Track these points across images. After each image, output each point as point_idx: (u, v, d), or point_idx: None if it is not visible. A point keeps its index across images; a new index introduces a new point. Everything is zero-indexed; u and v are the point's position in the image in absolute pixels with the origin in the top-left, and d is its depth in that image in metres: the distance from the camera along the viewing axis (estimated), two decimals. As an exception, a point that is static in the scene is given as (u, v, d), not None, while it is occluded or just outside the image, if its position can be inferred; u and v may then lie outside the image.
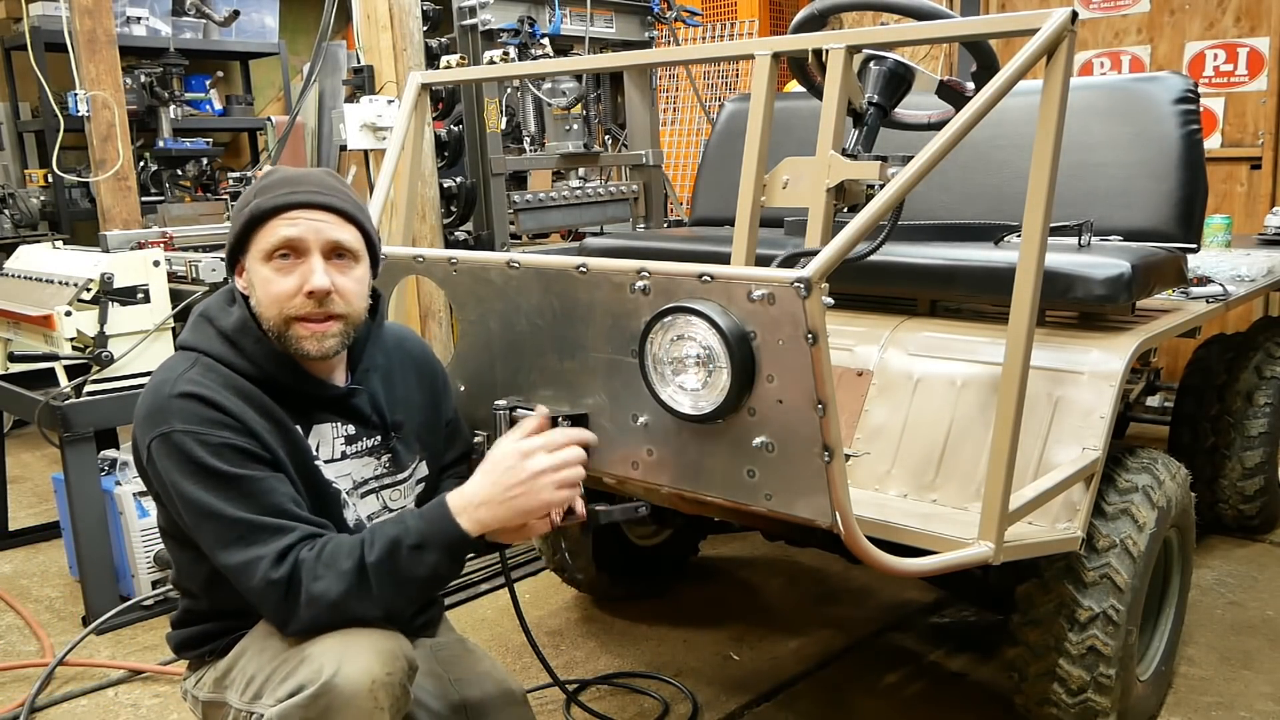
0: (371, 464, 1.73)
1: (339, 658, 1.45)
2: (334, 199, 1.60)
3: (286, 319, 1.57)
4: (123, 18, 5.53)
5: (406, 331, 1.93)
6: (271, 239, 1.56)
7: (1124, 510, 2.06)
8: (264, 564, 1.48)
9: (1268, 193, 4.36)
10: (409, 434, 1.79)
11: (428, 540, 1.51)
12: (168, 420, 1.51)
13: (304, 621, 1.49)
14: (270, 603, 1.49)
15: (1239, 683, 2.55)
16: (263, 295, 1.58)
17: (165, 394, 1.53)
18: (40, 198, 5.57)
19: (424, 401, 1.84)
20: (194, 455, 1.50)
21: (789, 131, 2.54)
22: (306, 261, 1.57)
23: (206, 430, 1.51)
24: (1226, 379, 3.22)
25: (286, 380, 1.61)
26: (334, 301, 1.58)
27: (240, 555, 1.49)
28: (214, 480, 1.50)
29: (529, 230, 3.80)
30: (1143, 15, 4.60)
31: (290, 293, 1.56)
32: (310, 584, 1.47)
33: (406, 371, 1.83)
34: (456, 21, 3.49)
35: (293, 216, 1.56)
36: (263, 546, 1.48)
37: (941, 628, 2.90)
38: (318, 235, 1.57)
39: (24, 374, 3.37)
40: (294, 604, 1.48)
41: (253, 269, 1.59)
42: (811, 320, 1.45)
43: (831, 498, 1.54)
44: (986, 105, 1.56)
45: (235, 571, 1.50)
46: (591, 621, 3.01)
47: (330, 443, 1.67)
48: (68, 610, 3.19)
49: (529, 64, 3.33)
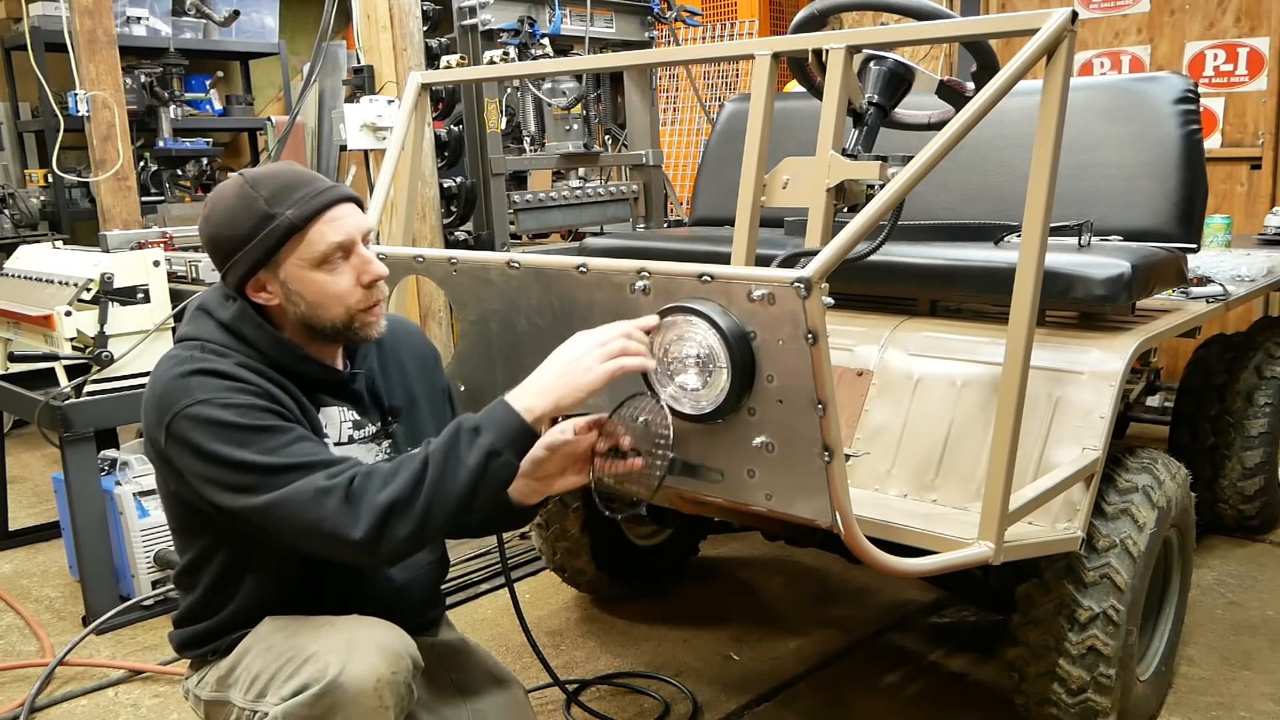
0: (373, 450, 1.73)
1: (345, 656, 1.44)
2: (346, 190, 1.62)
3: (353, 314, 1.59)
4: (123, 18, 5.53)
5: (395, 316, 1.91)
6: (320, 246, 1.55)
7: (1124, 510, 2.06)
8: (315, 481, 1.43)
9: (1268, 193, 4.36)
10: (405, 420, 1.79)
11: (485, 424, 1.47)
12: (188, 395, 1.48)
13: (370, 526, 1.41)
14: (330, 509, 1.41)
15: (1239, 683, 2.55)
16: (320, 299, 1.57)
17: (176, 375, 1.51)
18: (40, 198, 5.57)
19: (419, 383, 1.84)
20: (221, 419, 1.46)
21: (789, 131, 2.54)
22: (355, 254, 1.59)
23: (228, 395, 1.48)
24: (1226, 379, 3.22)
25: (290, 363, 1.60)
26: (382, 286, 1.63)
27: (285, 484, 1.43)
28: (246, 434, 1.46)
29: (529, 230, 3.80)
30: (1143, 15, 4.60)
31: (349, 288, 1.58)
32: (376, 492, 1.42)
33: (400, 355, 1.83)
34: (456, 21, 3.49)
35: (331, 217, 1.56)
36: (306, 472, 1.44)
37: (941, 628, 2.90)
38: (358, 228, 1.59)
39: (24, 374, 3.37)
40: (356, 508, 1.42)
41: (296, 278, 1.57)
42: (811, 320, 1.45)
43: (831, 498, 1.54)
44: (986, 105, 1.56)
45: (280, 501, 1.43)
46: (591, 621, 3.01)
47: (338, 426, 1.68)
48: (68, 610, 3.19)
49: (529, 64, 3.33)
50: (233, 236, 1.56)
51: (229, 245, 1.57)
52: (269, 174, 1.59)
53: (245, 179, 1.58)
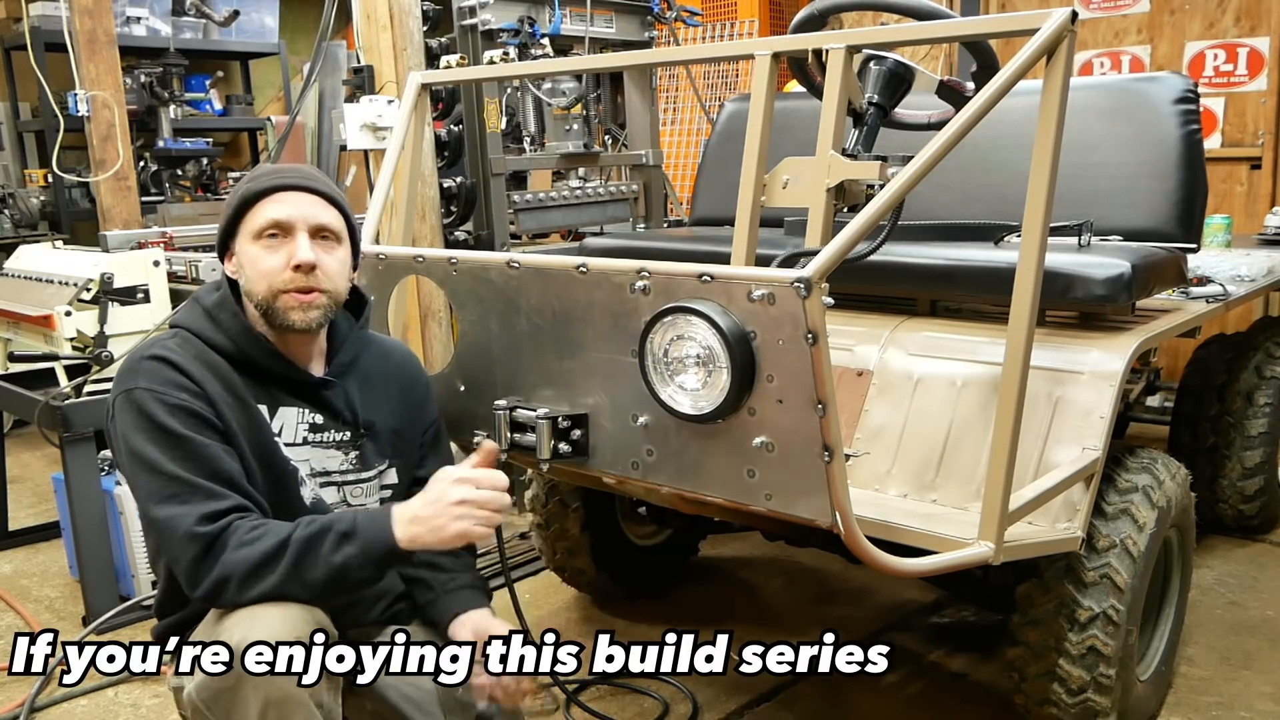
0: (337, 457, 1.78)
1: (247, 626, 1.49)
2: (317, 184, 1.72)
3: (275, 292, 1.67)
4: (123, 18, 5.53)
5: (396, 344, 2.00)
6: (260, 219, 1.68)
7: (1124, 510, 2.06)
8: (191, 519, 1.53)
9: (1268, 193, 4.36)
10: (380, 437, 1.84)
11: (358, 533, 1.55)
12: (134, 379, 1.62)
13: (211, 583, 1.52)
14: (187, 558, 1.52)
15: (1239, 683, 2.55)
16: (252, 272, 1.69)
17: (138, 357, 1.65)
18: (40, 198, 5.57)
19: (401, 411, 1.89)
20: (149, 411, 1.58)
21: (789, 131, 2.54)
22: (293, 240, 1.68)
23: (166, 390, 1.60)
24: (1226, 379, 3.22)
25: (257, 356, 1.70)
26: (318, 277, 1.69)
27: (170, 509, 1.54)
28: (162, 437, 1.57)
29: (529, 230, 3.80)
30: (1143, 15, 4.60)
31: (279, 268, 1.67)
32: (231, 551, 1.52)
33: (388, 380, 1.88)
34: (456, 21, 3.49)
35: (280, 198, 1.68)
36: (195, 505, 1.54)
37: (941, 628, 2.90)
38: (304, 216, 1.69)
39: (24, 374, 3.37)
40: (210, 564, 1.52)
41: (242, 250, 1.70)
42: (811, 320, 1.45)
43: (831, 498, 1.54)
44: (986, 105, 1.56)
45: (161, 525, 1.55)
46: (591, 621, 3.00)
47: (294, 427, 1.74)
48: (68, 610, 3.19)
49: (529, 64, 3.33)
50: (225, 208, 1.74)
51: (221, 219, 1.74)
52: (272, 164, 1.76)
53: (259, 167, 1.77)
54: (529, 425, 1.89)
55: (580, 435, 1.87)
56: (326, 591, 1.55)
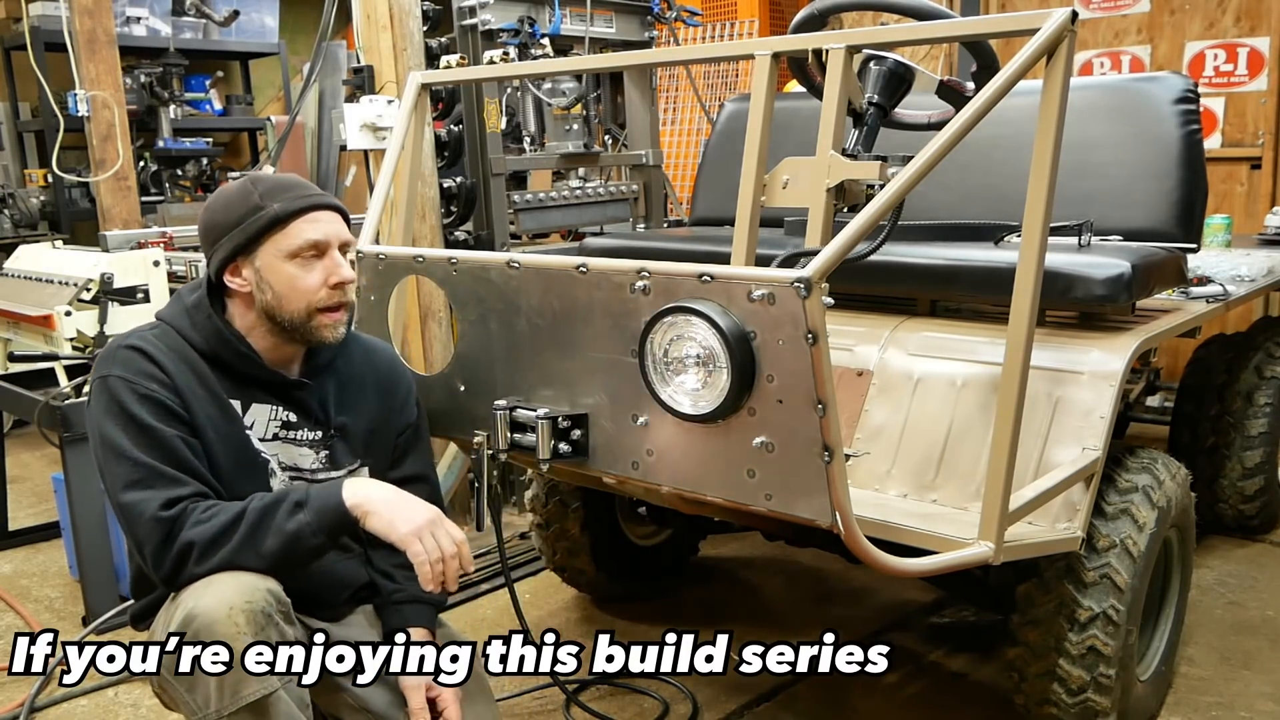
0: (309, 455, 1.81)
1: (199, 595, 1.53)
2: (336, 201, 1.76)
3: (312, 310, 1.72)
4: (123, 18, 5.53)
5: (380, 345, 2.01)
6: (297, 240, 1.70)
7: (1124, 510, 2.06)
8: (155, 505, 1.58)
9: (1268, 193, 4.36)
10: (352, 437, 1.86)
11: (310, 500, 1.59)
12: (110, 366, 1.66)
13: (170, 562, 1.57)
14: (151, 543, 1.57)
15: (1239, 683, 2.55)
16: (287, 290, 1.71)
17: (117, 345, 1.70)
18: (40, 198, 5.57)
19: (377, 411, 1.91)
20: (121, 399, 1.63)
21: (789, 131, 2.54)
22: (327, 257, 1.72)
23: (137, 380, 1.64)
24: (1226, 379, 3.22)
25: (228, 358, 1.73)
26: (348, 291, 1.75)
27: (135, 495, 1.59)
28: (131, 425, 1.62)
29: (529, 230, 3.80)
30: (1143, 15, 4.60)
31: (316, 286, 1.71)
32: (188, 529, 1.57)
33: (365, 380, 1.90)
34: (456, 21, 3.49)
35: (315, 218, 1.71)
36: (158, 491, 1.59)
37: (941, 628, 2.90)
38: (336, 234, 1.74)
39: (24, 374, 3.37)
40: (170, 547, 1.57)
41: (269, 267, 1.71)
42: (811, 320, 1.45)
43: (831, 498, 1.54)
44: (986, 105, 1.56)
45: (127, 510, 1.60)
46: (591, 621, 3.00)
47: (265, 424, 1.77)
48: (68, 610, 3.19)
49: (529, 64, 3.33)
50: (224, 222, 1.72)
51: (219, 230, 1.72)
52: (272, 177, 1.74)
53: (249, 179, 1.74)
54: (529, 425, 1.89)
55: (580, 435, 1.87)
56: (281, 560, 1.58)
